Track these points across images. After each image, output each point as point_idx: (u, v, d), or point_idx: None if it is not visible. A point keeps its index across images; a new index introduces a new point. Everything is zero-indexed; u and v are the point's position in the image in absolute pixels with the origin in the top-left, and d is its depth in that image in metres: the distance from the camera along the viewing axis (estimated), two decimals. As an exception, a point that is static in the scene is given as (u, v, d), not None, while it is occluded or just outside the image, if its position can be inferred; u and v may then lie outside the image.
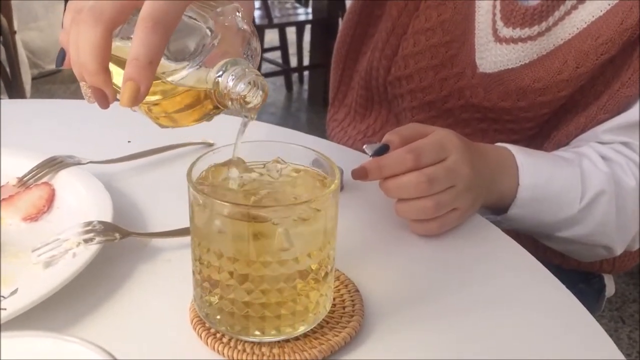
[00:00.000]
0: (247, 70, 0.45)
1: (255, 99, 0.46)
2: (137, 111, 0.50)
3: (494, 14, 0.78)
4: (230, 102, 0.46)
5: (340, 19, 3.25)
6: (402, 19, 0.85)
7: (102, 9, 0.44)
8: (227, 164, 0.48)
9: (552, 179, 0.69)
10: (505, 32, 0.77)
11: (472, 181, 0.63)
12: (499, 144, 0.72)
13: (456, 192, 0.62)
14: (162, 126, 0.51)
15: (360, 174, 0.62)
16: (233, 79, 0.45)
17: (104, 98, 0.47)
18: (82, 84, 0.48)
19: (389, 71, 0.88)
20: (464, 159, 0.63)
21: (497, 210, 0.71)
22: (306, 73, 3.73)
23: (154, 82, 0.44)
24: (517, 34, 0.76)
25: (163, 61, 0.44)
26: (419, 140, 0.63)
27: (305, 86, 3.70)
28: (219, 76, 0.45)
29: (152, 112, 0.49)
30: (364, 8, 0.93)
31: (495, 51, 0.78)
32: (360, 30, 0.95)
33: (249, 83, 0.45)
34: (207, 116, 0.50)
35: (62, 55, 0.48)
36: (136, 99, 0.43)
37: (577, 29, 0.73)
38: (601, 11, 0.72)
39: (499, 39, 0.77)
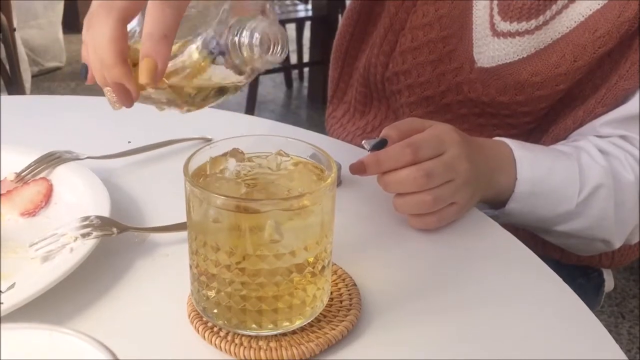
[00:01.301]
0: (258, 22, 0.45)
1: (276, 49, 0.45)
2: (162, 106, 0.49)
3: (492, 9, 0.78)
4: (249, 55, 0.45)
5: (340, 16, 3.25)
6: (400, 15, 0.85)
7: (113, 2, 0.44)
8: (225, 155, 0.49)
9: (550, 173, 0.69)
10: (503, 26, 0.77)
11: (470, 176, 0.63)
12: (497, 138, 0.72)
13: (455, 187, 0.62)
14: (185, 108, 0.50)
15: (359, 168, 0.62)
16: (248, 34, 0.44)
17: (127, 94, 0.47)
18: (105, 90, 0.48)
19: (386, 67, 0.88)
20: (462, 154, 0.63)
21: (495, 204, 0.71)
22: (306, 70, 3.73)
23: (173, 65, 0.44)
24: (514, 28, 0.76)
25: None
26: (418, 134, 0.62)
27: (305, 83, 3.70)
28: (235, 35, 0.45)
29: (176, 92, 0.48)
30: (364, 6, 0.93)
31: (493, 45, 0.78)
32: (360, 28, 0.95)
33: (264, 36, 0.45)
34: (230, 89, 0.49)
35: (84, 69, 0.48)
36: (155, 75, 0.43)
37: (575, 22, 0.73)
38: (599, 4, 0.72)
39: (496, 34, 0.77)
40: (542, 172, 0.69)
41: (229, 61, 0.46)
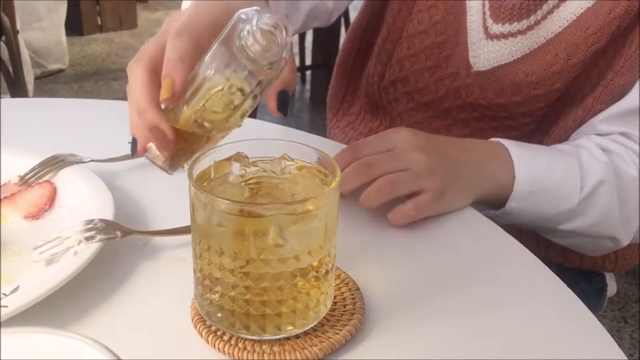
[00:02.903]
0: (254, 19, 0.47)
1: (280, 33, 0.47)
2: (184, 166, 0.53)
3: (484, 12, 0.79)
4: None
5: (342, 19, 3.25)
6: (397, 24, 0.86)
7: (141, 53, 0.52)
8: (230, 159, 0.49)
9: (549, 171, 0.69)
10: (496, 28, 0.78)
11: (432, 165, 0.64)
12: (492, 139, 0.72)
13: (413, 174, 0.63)
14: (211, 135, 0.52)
15: None
16: (249, 33, 0.47)
17: (164, 137, 0.50)
18: (149, 147, 0.52)
19: (383, 77, 0.89)
20: (412, 147, 0.64)
21: (496, 204, 0.71)
22: (308, 73, 3.73)
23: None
24: (507, 30, 0.77)
25: None
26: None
27: (308, 86, 3.70)
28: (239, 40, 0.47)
29: (200, 118, 0.51)
30: (370, 22, 0.94)
31: (488, 48, 0.79)
32: (365, 43, 0.96)
33: (264, 27, 0.47)
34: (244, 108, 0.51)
35: (134, 144, 0.53)
36: (173, 94, 0.48)
37: (567, 21, 0.74)
38: (589, 2, 0.73)
39: (490, 36, 0.78)
40: (541, 170, 0.69)
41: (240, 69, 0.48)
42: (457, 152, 0.68)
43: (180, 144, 0.52)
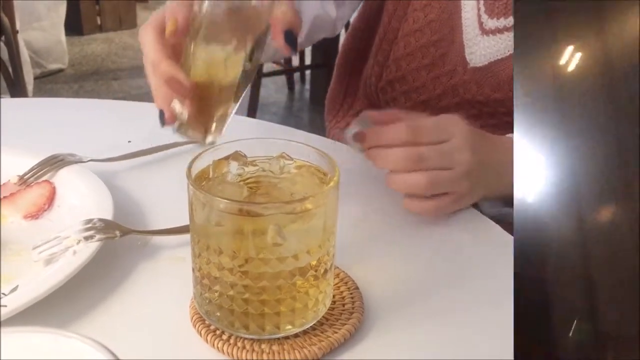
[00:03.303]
0: None
1: None
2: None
3: (479, 9, 0.80)
4: None
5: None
6: (393, 24, 0.86)
7: (149, 20, 0.58)
8: (228, 158, 0.49)
9: None
10: (491, 23, 0.78)
11: (472, 167, 0.63)
12: (509, 135, 0.72)
13: (455, 175, 0.62)
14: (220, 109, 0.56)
15: (359, 137, 0.63)
16: None
17: (181, 86, 0.54)
18: (173, 106, 0.56)
19: (380, 77, 0.89)
20: (466, 145, 0.63)
21: (511, 202, 0.71)
22: (308, 72, 3.73)
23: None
24: (502, 24, 0.78)
25: None
26: (424, 118, 0.64)
27: (307, 86, 3.70)
28: None
29: (208, 57, 0.55)
30: (369, 22, 0.94)
31: (484, 44, 0.79)
32: (364, 44, 0.96)
33: None
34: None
35: (162, 115, 0.57)
36: (177, 28, 0.54)
37: None
38: None
39: (485, 31, 0.79)
40: None
41: None
42: (492, 153, 0.66)
43: (197, 104, 0.55)
